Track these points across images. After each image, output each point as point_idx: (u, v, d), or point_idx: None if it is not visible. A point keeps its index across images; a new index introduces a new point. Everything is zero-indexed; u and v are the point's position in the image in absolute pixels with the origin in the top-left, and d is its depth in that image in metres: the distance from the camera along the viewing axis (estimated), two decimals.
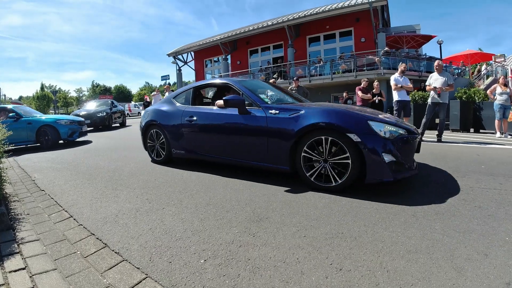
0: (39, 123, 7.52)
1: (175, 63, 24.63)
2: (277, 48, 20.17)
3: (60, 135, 7.57)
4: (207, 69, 24.77)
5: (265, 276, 1.56)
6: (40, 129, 7.47)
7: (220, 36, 21.53)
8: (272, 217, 2.33)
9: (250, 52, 21.47)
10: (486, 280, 1.51)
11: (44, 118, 7.86)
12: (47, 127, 7.51)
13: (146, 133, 4.73)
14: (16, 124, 7.28)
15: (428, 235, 2.00)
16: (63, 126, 7.68)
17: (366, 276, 1.55)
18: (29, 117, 7.71)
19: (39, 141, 7.51)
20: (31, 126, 7.45)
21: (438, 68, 6.54)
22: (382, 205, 2.52)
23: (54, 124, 7.58)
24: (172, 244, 1.93)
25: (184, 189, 3.16)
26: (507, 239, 1.93)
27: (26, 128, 7.42)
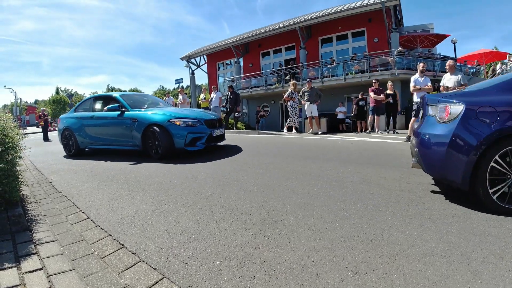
0: (146, 121, 5.30)
1: (188, 66, 24.89)
2: (289, 50, 20.12)
3: (174, 142, 5.08)
4: (219, 72, 24.95)
5: (280, 278, 1.57)
6: (148, 129, 5.28)
7: (232, 39, 21.65)
8: (286, 219, 2.34)
9: (262, 55, 21.49)
10: (502, 283, 1.50)
11: (152, 113, 5.49)
12: (157, 127, 5.17)
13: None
14: (119, 119, 5.71)
15: (444, 238, 1.98)
16: (179, 128, 5.09)
17: (382, 279, 1.54)
18: (135, 111, 5.69)
19: (146, 147, 5.40)
20: (137, 125, 5.41)
21: (450, 68, 6.42)
22: (397, 208, 2.49)
23: (166, 124, 5.11)
24: (188, 245, 1.96)
25: (198, 191, 3.19)
26: None
27: (130, 127, 5.52)
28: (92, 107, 6.54)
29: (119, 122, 5.70)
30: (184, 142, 5.10)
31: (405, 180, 3.35)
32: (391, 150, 5.62)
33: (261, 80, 19.05)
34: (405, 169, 3.85)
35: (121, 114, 5.69)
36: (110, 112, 5.85)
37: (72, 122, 6.58)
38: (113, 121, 5.82)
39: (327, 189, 3.09)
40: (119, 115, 5.71)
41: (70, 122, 6.65)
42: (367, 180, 3.38)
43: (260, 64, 21.43)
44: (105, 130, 6.05)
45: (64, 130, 6.71)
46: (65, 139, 6.65)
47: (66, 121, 6.82)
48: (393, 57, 14.32)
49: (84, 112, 6.58)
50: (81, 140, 6.37)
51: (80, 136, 6.36)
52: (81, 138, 6.36)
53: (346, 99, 16.97)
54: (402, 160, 4.50)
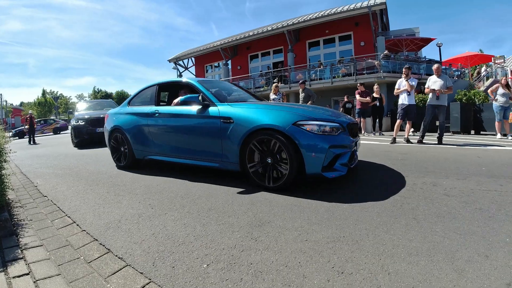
0: (251, 124, 3.18)
1: (176, 68, 24.76)
2: (277, 53, 20.27)
3: (304, 163, 2.95)
4: (207, 74, 24.89)
5: (267, 280, 1.58)
6: (252, 137, 3.19)
7: (220, 42, 21.66)
8: (274, 221, 2.35)
9: (251, 57, 21.59)
10: (487, 281, 1.52)
11: (259, 109, 3.35)
12: (273, 134, 3.06)
13: None
14: (199, 118, 3.67)
15: (429, 238, 2.01)
16: (313, 138, 2.95)
17: (367, 279, 1.57)
18: (225, 105, 3.54)
19: (243, 165, 3.30)
20: (232, 129, 3.32)
21: (437, 71, 6.59)
22: (383, 209, 2.53)
23: (290, 130, 2.97)
24: (175, 249, 1.95)
25: (186, 194, 3.18)
26: (507, 240, 1.95)
27: (219, 131, 3.43)
28: (155, 98, 4.58)
29: (201, 123, 3.64)
30: (322, 164, 2.92)
31: (391, 180, 3.41)
32: (378, 152, 5.71)
33: (249, 83, 19.12)
34: (394, 171, 3.92)
35: (203, 110, 3.64)
36: (185, 106, 3.91)
37: (125, 121, 4.66)
38: (190, 120, 3.76)
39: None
40: (200, 111, 3.66)
41: (122, 120, 4.74)
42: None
43: (249, 67, 21.52)
44: (175, 134, 3.99)
45: (113, 131, 4.88)
46: (115, 143, 4.94)
47: (116, 118, 4.90)
48: (379, 60, 14.60)
49: (143, 107, 4.58)
50: (138, 148, 4.48)
51: (137, 141, 4.46)
52: (137, 144, 4.46)
53: (334, 102, 17.19)
54: (387, 161, 4.59)
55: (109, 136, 4.98)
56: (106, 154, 6.67)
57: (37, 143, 12.84)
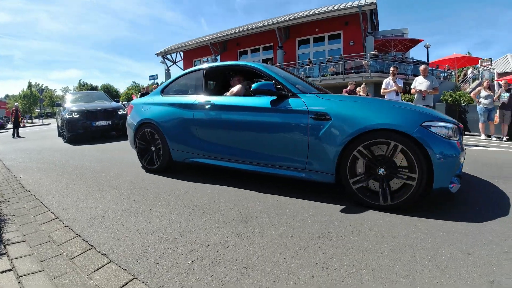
0: (358, 123, 2.47)
1: (164, 63, 24.44)
2: (267, 50, 20.25)
3: (434, 176, 2.30)
4: None
5: (252, 276, 1.58)
6: (357, 140, 2.48)
7: (210, 37, 21.49)
8: (260, 217, 2.35)
9: (240, 53, 21.49)
10: (470, 279, 1.55)
11: (364, 104, 2.66)
12: (395, 138, 2.38)
13: None
14: (277, 113, 2.91)
15: (412, 235, 2.05)
16: (444, 144, 2.33)
17: (351, 274, 1.58)
18: (315, 97, 2.82)
19: (341, 176, 2.59)
20: (328, 129, 2.60)
21: (424, 72, 6.70)
22: (367, 207, 2.56)
23: (418, 133, 2.31)
24: (159, 245, 1.92)
25: (171, 190, 3.14)
26: (490, 238, 1.98)
27: (305, 130, 2.72)
28: (202, 86, 3.71)
29: (279, 119, 2.89)
30: (452, 175, 2.41)
31: None
32: None
33: None
34: None
35: (279, 102, 2.91)
36: (251, 97, 3.18)
37: (160, 113, 3.84)
38: (262, 115, 2.99)
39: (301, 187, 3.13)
40: (276, 103, 2.93)
41: (155, 112, 3.89)
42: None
43: None
44: (237, 132, 3.20)
45: (142, 126, 4.03)
46: (144, 140, 4.09)
47: (146, 109, 4.03)
48: (367, 60, 14.77)
49: (186, 96, 3.77)
50: (177, 147, 3.68)
51: (176, 139, 3.68)
52: (176, 143, 3.68)
53: None
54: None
55: (136, 132, 4.13)
56: (90, 149, 6.54)
57: (21, 137, 12.49)
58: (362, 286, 1.48)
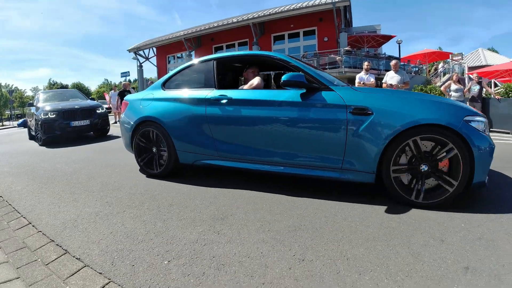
0: (403, 119, 2.35)
1: (136, 59, 23.78)
2: (242, 45, 20.16)
3: (475, 171, 2.29)
4: (170, 65, 24.14)
5: (230, 272, 1.58)
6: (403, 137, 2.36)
7: (184, 32, 21.11)
8: (236, 214, 2.37)
9: (215, 49, 21.26)
10: (444, 265, 1.60)
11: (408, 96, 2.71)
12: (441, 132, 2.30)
13: None
14: (309, 107, 2.68)
15: (385, 223, 2.12)
16: (484, 140, 2.32)
17: (327, 264, 1.63)
18: (351, 90, 2.65)
19: (382, 174, 2.45)
20: (370, 124, 2.42)
21: (395, 67, 6.92)
22: (341, 198, 2.64)
23: (463, 128, 2.27)
24: (134, 247, 1.89)
25: (145, 190, 3.08)
26: (463, 225, 2.07)
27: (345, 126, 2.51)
28: (213, 79, 3.34)
29: (311, 114, 2.67)
30: (488, 169, 2.42)
31: None
32: None
33: None
34: None
35: (310, 95, 2.69)
36: (280, 91, 2.92)
37: (164, 110, 3.44)
38: (291, 110, 2.76)
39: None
40: (305, 96, 2.71)
41: (157, 109, 3.50)
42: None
43: None
44: (264, 130, 2.88)
45: (141, 124, 3.62)
46: (144, 141, 3.66)
47: (146, 106, 3.63)
48: (341, 56, 15.07)
49: (194, 91, 3.39)
50: (186, 148, 3.33)
51: (184, 139, 3.31)
52: (185, 143, 3.31)
53: None
54: None
55: (133, 132, 3.66)
56: (62, 151, 6.27)
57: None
58: (338, 275, 1.53)
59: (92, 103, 8.81)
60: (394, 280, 1.48)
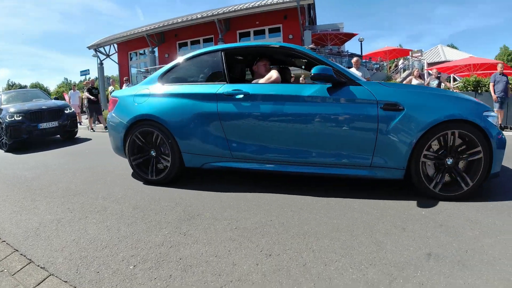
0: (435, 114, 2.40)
1: (97, 56, 22.62)
2: (208, 42, 19.81)
3: (493, 163, 2.43)
4: (132, 62, 23.23)
5: (197, 272, 1.59)
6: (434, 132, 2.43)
7: (147, 28, 20.37)
8: (203, 213, 2.36)
9: (179, 45, 20.73)
10: (406, 252, 1.69)
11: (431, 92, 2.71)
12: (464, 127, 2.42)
13: None
14: (338, 103, 2.60)
15: (348, 214, 2.22)
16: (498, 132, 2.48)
17: (294, 258, 1.68)
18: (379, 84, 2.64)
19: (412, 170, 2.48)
20: (400, 121, 2.43)
21: (356, 64, 7.22)
22: (306, 192, 2.72)
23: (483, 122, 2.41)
24: (98, 254, 1.83)
25: (108, 194, 2.98)
26: (423, 213, 2.21)
27: (376, 122, 2.48)
28: (223, 72, 3.05)
29: (340, 110, 2.58)
30: (501, 163, 2.54)
31: None
32: None
33: None
34: None
35: (336, 90, 2.61)
36: (303, 85, 2.90)
37: (165, 107, 3.08)
38: (318, 106, 2.64)
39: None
40: (332, 91, 2.61)
41: (157, 106, 3.11)
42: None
43: (177, 55, 20.67)
44: (287, 128, 2.72)
45: (135, 126, 3.20)
46: (140, 144, 3.24)
47: (141, 103, 3.22)
48: None
49: (202, 85, 3.09)
50: (193, 150, 3.01)
51: (191, 140, 2.99)
52: (192, 145, 2.99)
53: None
54: None
55: (126, 133, 3.21)
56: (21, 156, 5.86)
57: None
58: (304, 268, 1.58)
59: (59, 103, 8.15)
60: (359, 269, 1.55)
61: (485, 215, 2.17)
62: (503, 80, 8.00)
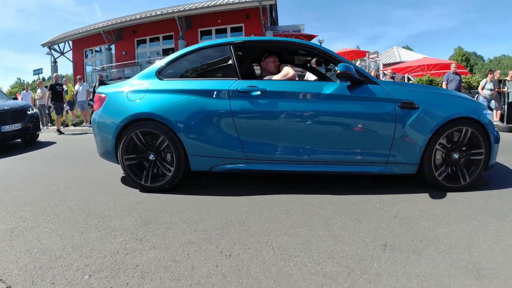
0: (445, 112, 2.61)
1: (51, 54, 21.12)
2: (168, 39, 19.26)
3: (491, 156, 2.73)
4: (87, 60, 21.96)
5: (155, 279, 1.54)
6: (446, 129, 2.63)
7: (103, 24, 19.35)
8: (160, 217, 2.29)
9: (138, 42, 19.93)
10: (363, 244, 1.76)
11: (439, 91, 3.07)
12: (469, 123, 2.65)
13: None
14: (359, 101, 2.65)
15: (307, 210, 2.29)
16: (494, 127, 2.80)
17: (254, 257, 1.68)
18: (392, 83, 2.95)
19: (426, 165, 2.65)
20: (417, 117, 2.58)
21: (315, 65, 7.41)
22: (266, 191, 2.76)
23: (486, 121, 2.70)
24: (52, 264, 1.72)
25: (60, 201, 2.79)
26: (378, 205, 2.32)
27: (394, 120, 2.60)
28: (234, 67, 2.85)
29: (363, 109, 2.62)
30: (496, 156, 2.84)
31: None
32: None
33: (136, 70, 17.61)
34: None
35: (355, 88, 2.65)
36: (322, 83, 2.92)
37: (169, 104, 2.80)
38: (339, 104, 2.64)
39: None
40: (352, 89, 2.65)
41: (158, 103, 2.82)
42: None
43: (135, 53, 19.81)
44: (308, 126, 2.67)
45: (131, 126, 2.85)
46: (136, 150, 2.93)
47: (137, 100, 2.89)
48: None
49: (210, 81, 2.87)
50: (201, 152, 2.78)
51: (199, 140, 2.76)
52: (200, 146, 2.77)
53: None
54: None
55: (119, 134, 2.87)
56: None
57: None
58: (264, 266, 1.59)
59: (21, 103, 7.33)
60: (317, 263, 1.60)
61: (439, 206, 2.32)
62: (456, 79, 8.37)
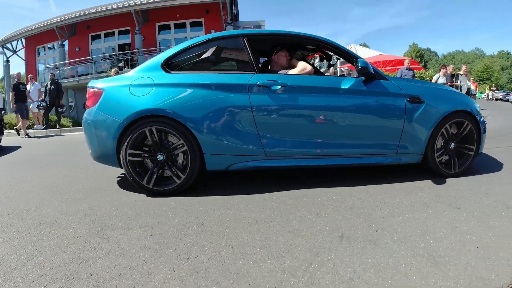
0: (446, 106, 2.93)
1: (3, 53, 19.40)
2: (124, 34, 18.41)
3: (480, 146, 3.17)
4: (39, 58, 20.39)
5: (110, 287, 1.50)
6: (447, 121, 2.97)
7: (57, 19, 18.00)
8: (115, 223, 2.21)
9: (92, 38, 18.83)
10: (320, 236, 1.82)
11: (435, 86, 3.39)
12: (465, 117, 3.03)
13: None
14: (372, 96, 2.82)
15: (266, 206, 2.32)
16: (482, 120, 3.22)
17: (212, 258, 1.68)
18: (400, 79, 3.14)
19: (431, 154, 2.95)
20: (423, 111, 2.85)
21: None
22: (225, 190, 2.78)
23: (478, 113, 3.12)
24: (8, 276, 1.61)
25: (11, 210, 2.58)
26: (334, 198, 2.41)
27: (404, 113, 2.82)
28: (250, 60, 2.76)
29: (377, 103, 2.78)
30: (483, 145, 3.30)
31: None
32: None
33: (90, 67, 16.79)
34: None
35: (368, 83, 2.78)
36: (338, 78, 3.04)
37: (181, 100, 2.61)
38: (355, 98, 2.77)
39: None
40: (367, 84, 2.78)
41: (167, 98, 2.60)
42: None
43: (89, 49, 18.70)
44: (328, 120, 2.72)
45: (136, 124, 2.60)
46: (142, 151, 2.73)
47: (142, 95, 2.63)
48: None
49: (226, 74, 2.76)
50: (218, 150, 2.65)
51: (216, 138, 2.62)
52: (218, 144, 2.64)
53: None
54: None
55: (122, 134, 2.62)
56: None
57: None
58: (223, 266, 1.59)
59: None
60: (276, 259, 1.63)
61: (393, 196, 2.46)
62: (409, 74, 8.81)
